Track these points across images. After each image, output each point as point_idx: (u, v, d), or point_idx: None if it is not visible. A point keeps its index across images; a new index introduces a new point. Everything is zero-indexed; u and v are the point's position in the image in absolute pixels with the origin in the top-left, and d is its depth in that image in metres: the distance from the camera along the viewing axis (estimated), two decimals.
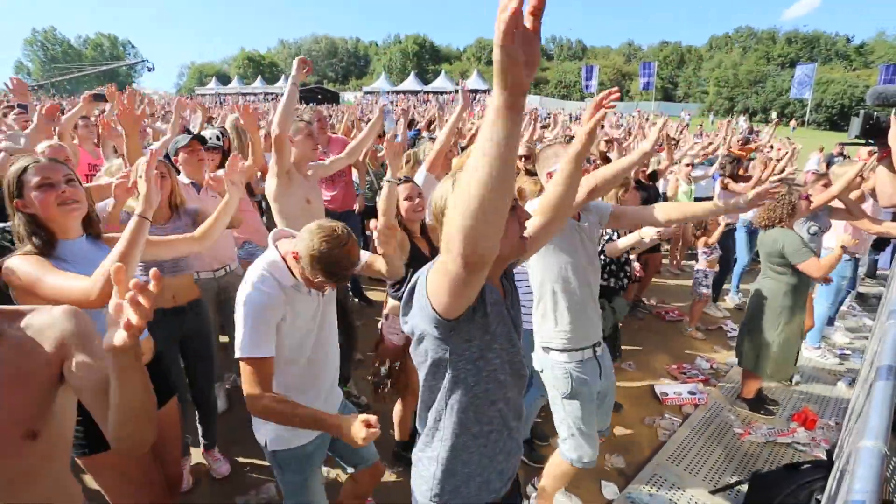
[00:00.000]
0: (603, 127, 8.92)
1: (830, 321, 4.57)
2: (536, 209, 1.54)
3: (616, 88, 1.43)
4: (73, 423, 1.11)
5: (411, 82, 45.52)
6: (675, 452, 2.96)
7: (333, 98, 36.65)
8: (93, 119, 4.41)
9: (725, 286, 5.56)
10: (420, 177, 2.86)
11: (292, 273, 1.57)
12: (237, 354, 1.49)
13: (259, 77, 52.67)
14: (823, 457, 2.90)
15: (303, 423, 1.49)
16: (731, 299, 5.57)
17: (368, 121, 3.67)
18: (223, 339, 3.52)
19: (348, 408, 1.95)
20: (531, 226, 1.48)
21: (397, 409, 2.77)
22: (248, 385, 1.49)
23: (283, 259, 1.59)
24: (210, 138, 3.35)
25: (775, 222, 3.15)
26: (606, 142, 6.43)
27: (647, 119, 19.83)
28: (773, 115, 28.48)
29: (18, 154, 3.01)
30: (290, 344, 1.60)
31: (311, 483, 1.74)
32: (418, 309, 1.14)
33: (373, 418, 1.40)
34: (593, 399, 2.13)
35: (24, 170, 1.56)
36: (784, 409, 3.45)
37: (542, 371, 2.17)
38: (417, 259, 2.51)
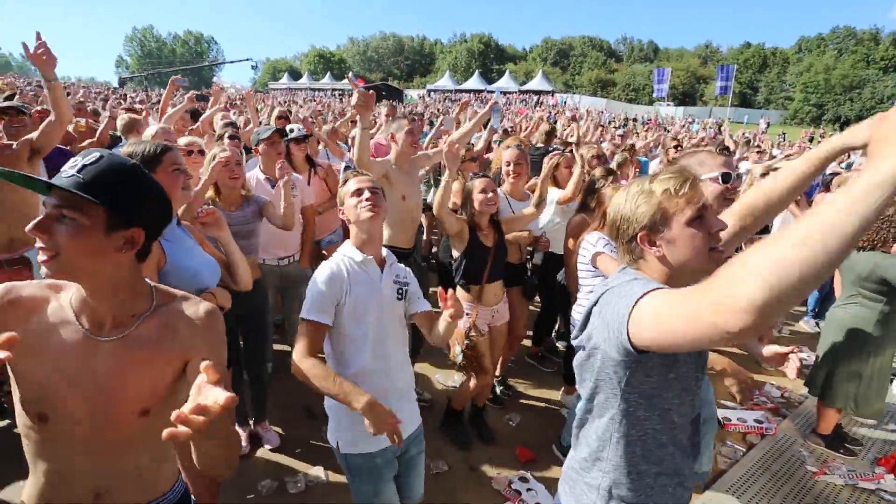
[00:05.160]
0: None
1: None
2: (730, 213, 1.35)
3: None
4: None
5: (475, 81, 45.45)
6: (735, 484, 2.74)
7: (398, 95, 37.25)
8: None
9: (799, 308, 5.08)
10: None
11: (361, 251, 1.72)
12: (300, 316, 1.62)
13: (328, 73, 54.70)
14: None
15: (334, 389, 1.52)
16: (804, 323, 5.09)
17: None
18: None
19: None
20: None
21: (463, 383, 2.89)
22: (297, 345, 1.60)
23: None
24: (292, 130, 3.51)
25: (875, 244, 2.80)
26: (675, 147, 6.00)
27: (720, 127, 18.65)
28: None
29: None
30: (347, 311, 1.65)
31: (382, 495, 1.71)
32: (604, 326, 1.06)
33: (400, 420, 1.51)
34: None
35: (165, 149, 1.70)
36: (868, 451, 3.10)
37: None
38: (476, 250, 2.71)
